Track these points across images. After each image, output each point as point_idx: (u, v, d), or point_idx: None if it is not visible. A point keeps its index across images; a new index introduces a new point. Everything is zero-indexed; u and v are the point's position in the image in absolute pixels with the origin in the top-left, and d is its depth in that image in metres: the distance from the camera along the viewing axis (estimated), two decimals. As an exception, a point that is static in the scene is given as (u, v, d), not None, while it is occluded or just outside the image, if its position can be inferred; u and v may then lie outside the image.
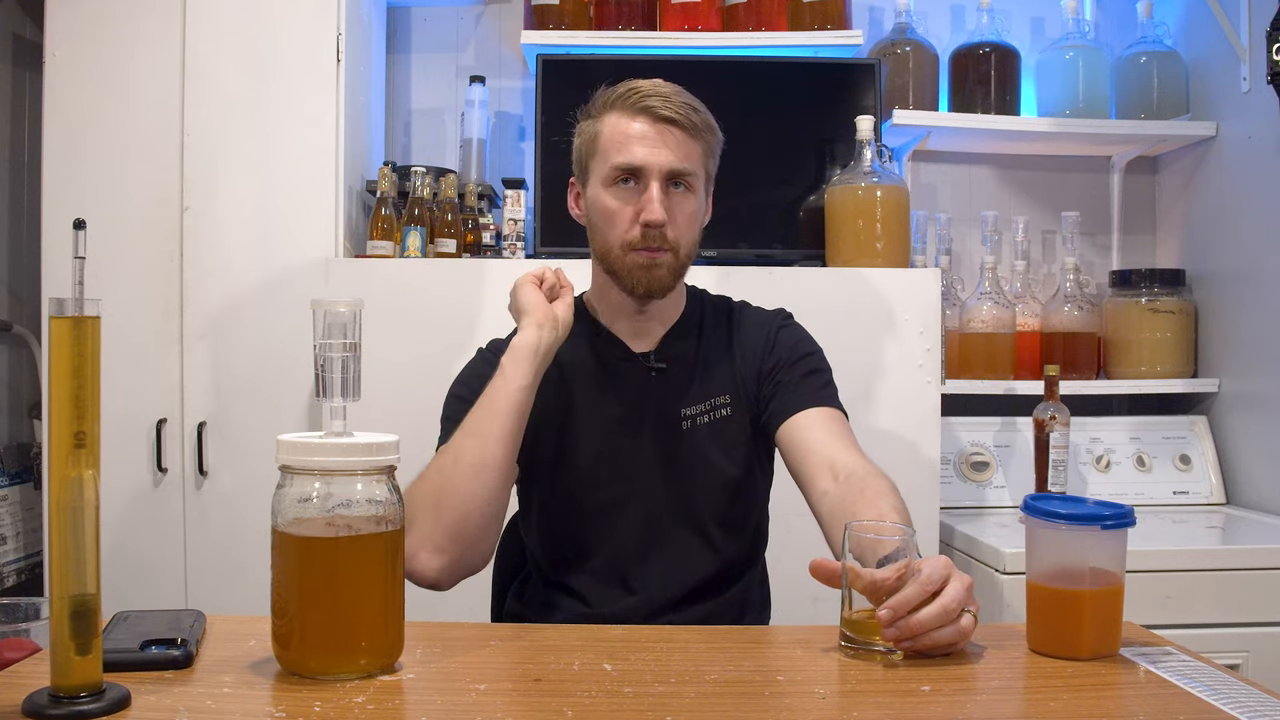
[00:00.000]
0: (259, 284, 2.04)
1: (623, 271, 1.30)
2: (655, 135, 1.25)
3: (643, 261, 1.28)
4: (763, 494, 1.41)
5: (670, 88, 1.28)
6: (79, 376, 0.75)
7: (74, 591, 0.75)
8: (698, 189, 1.30)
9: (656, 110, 1.25)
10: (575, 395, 1.35)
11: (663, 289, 1.30)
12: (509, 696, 0.82)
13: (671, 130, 1.25)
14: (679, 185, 1.28)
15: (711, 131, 1.31)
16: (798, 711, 0.80)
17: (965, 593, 0.93)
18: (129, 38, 2.04)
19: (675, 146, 1.26)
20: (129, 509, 2.00)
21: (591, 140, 1.30)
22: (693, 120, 1.26)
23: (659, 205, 1.25)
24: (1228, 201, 2.33)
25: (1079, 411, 2.27)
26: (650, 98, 1.26)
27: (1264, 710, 0.80)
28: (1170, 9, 2.49)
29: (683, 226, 1.28)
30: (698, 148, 1.28)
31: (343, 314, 0.87)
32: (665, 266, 1.29)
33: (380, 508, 0.86)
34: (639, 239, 1.26)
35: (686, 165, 1.27)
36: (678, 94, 1.27)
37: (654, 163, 1.25)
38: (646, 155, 1.25)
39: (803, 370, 1.34)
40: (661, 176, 1.26)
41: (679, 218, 1.28)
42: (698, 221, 1.32)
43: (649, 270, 1.28)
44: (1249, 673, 1.77)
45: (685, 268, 1.33)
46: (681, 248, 1.29)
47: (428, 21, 2.55)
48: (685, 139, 1.26)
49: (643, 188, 1.26)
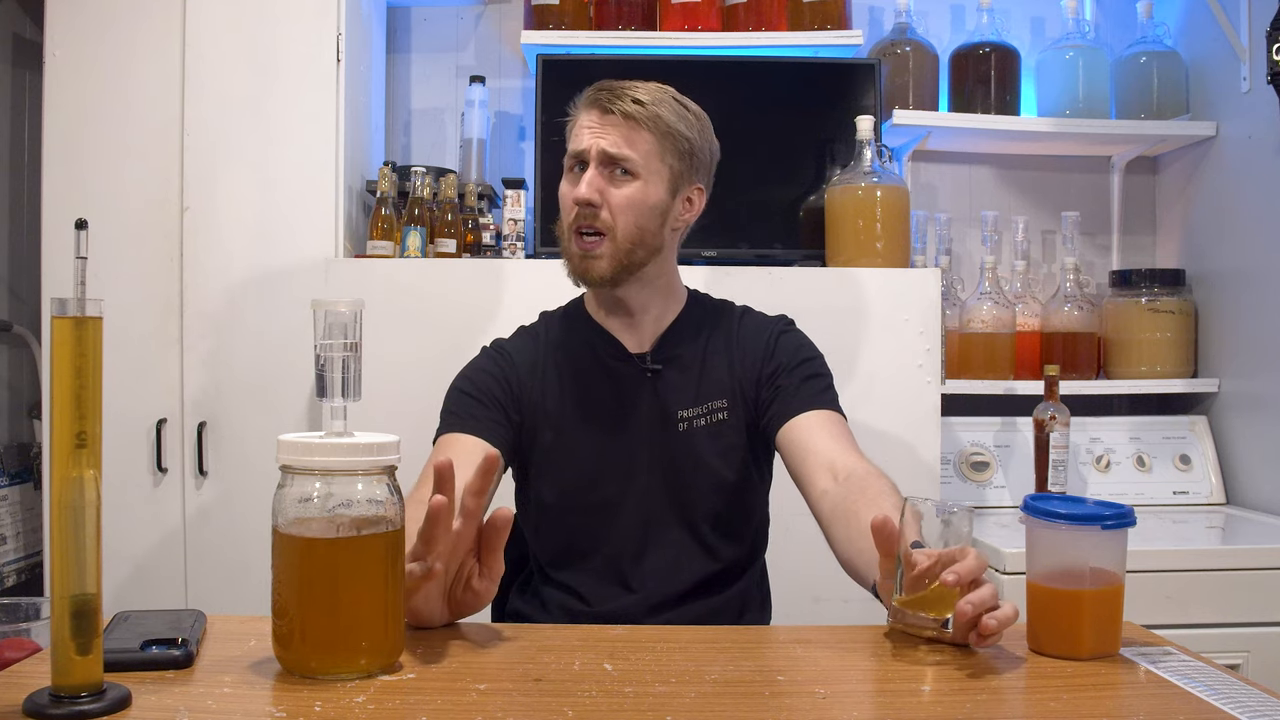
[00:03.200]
0: (259, 284, 2.04)
1: (566, 257, 1.33)
2: (599, 124, 1.29)
3: (579, 251, 1.30)
4: (761, 498, 1.42)
5: (636, 85, 1.30)
6: (80, 376, 0.75)
7: (75, 591, 0.75)
8: (643, 177, 1.29)
9: (602, 102, 1.29)
10: (574, 395, 1.36)
11: (600, 277, 1.30)
12: (509, 696, 0.82)
13: (614, 119, 1.28)
14: (617, 171, 1.29)
15: (658, 122, 1.29)
16: (798, 711, 0.80)
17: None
18: (129, 37, 2.04)
19: (614, 134, 1.28)
20: (129, 509, 2.00)
21: (567, 137, 1.35)
22: (634, 112, 1.28)
23: (586, 185, 1.28)
24: (1228, 201, 2.33)
25: (1079, 411, 2.28)
26: (601, 92, 1.30)
27: (1264, 710, 0.80)
28: (1170, 9, 2.49)
29: (619, 209, 1.29)
30: (644, 138, 1.29)
31: (343, 314, 0.87)
32: (604, 256, 1.29)
33: (381, 508, 0.86)
34: (574, 220, 1.30)
35: (624, 151, 1.28)
36: (635, 90, 1.29)
37: (590, 146, 1.29)
38: (586, 141, 1.29)
39: (803, 375, 1.35)
40: (597, 159, 1.29)
41: (615, 200, 1.29)
42: (643, 209, 1.30)
43: (584, 260, 1.30)
44: (1249, 673, 1.77)
45: (631, 255, 1.30)
46: (619, 232, 1.29)
47: (428, 21, 2.55)
48: (626, 128, 1.28)
49: (583, 171, 1.30)
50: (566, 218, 1.32)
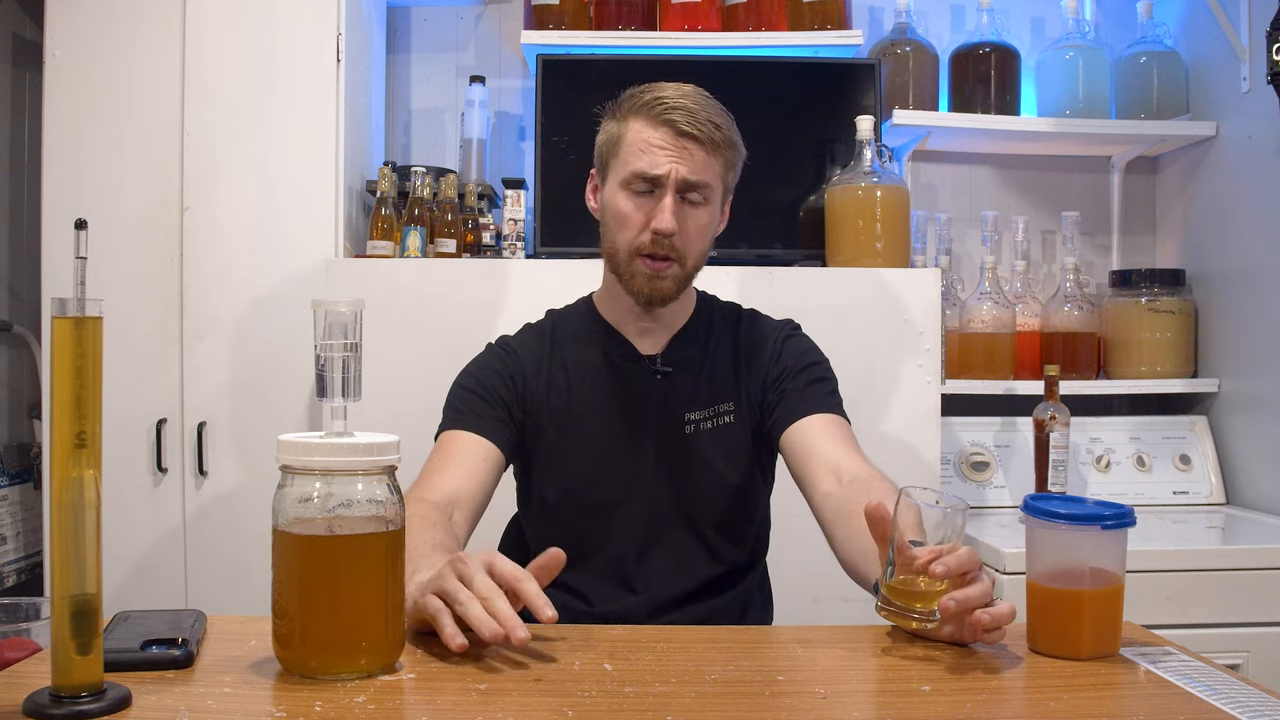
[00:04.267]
0: (259, 284, 2.04)
1: (627, 276, 1.31)
2: (675, 147, 1.26)
3: (647, 271, 1.29)
4: (764, 501, 1.42)
5: (696, 100, 1.27)
6: (81, 376, 0.75)
7: (75, 591, 0.75)
8: (713, 202, 1.30)
9: (679, 125, 1.25)
10: (580, 394, 1.36)
11: (665, 299, 1.31)
12: (509, 696, 0.82)
13: (692, 144, 1.26)
14: (693, 198, 1.28)
15: (733, 147, 1.30)
16: (798, 711, 0.80)
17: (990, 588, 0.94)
18: (129, 38, 2.04)
19: (693, 160, 1.26)
20: (129, 509, 2.00)
21: (614, 141, 1.31)
22: (714, 137, 1.26)
23: (670, 215, 1.26)
24: (1228, 201, 2.33)
25: (1079, 411, 2.28)
26: (674, 110, 1.26)
27: (1264, 710, 0.80)
28: (1170, 9, 2.49)
29: (692, 238, 1.29)
30: (716, 163, 1.28)
31: (343, 314, 0.87)
32: (671, 278, 1.30)
33: (381, 508, 0.86)
34: (647, 245, 1.28)
35: (703, 178, 1.27)
36: (703, 109, 1.27)
37: (670, 174, 1.26)
38: (664, 166, 1.26)
39: (808, 379, 1.35)
40: (676, 187, 1.26)
41: (689, 229, 1.28)
42: (708, 233, 1.32)
43: (652, 281, 1.29)
44: (1249, 673, 1.77)
45: (691, 277, 1.34)
46: (689, 258, 1.30)
47: (428, 21, 2.55)
48: (705, 154, 1.27)
49: (658, 196, 1.27)
50: (632, 238, 1.28)
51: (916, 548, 0.94)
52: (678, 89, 1.28)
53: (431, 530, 1.10)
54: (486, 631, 0.85)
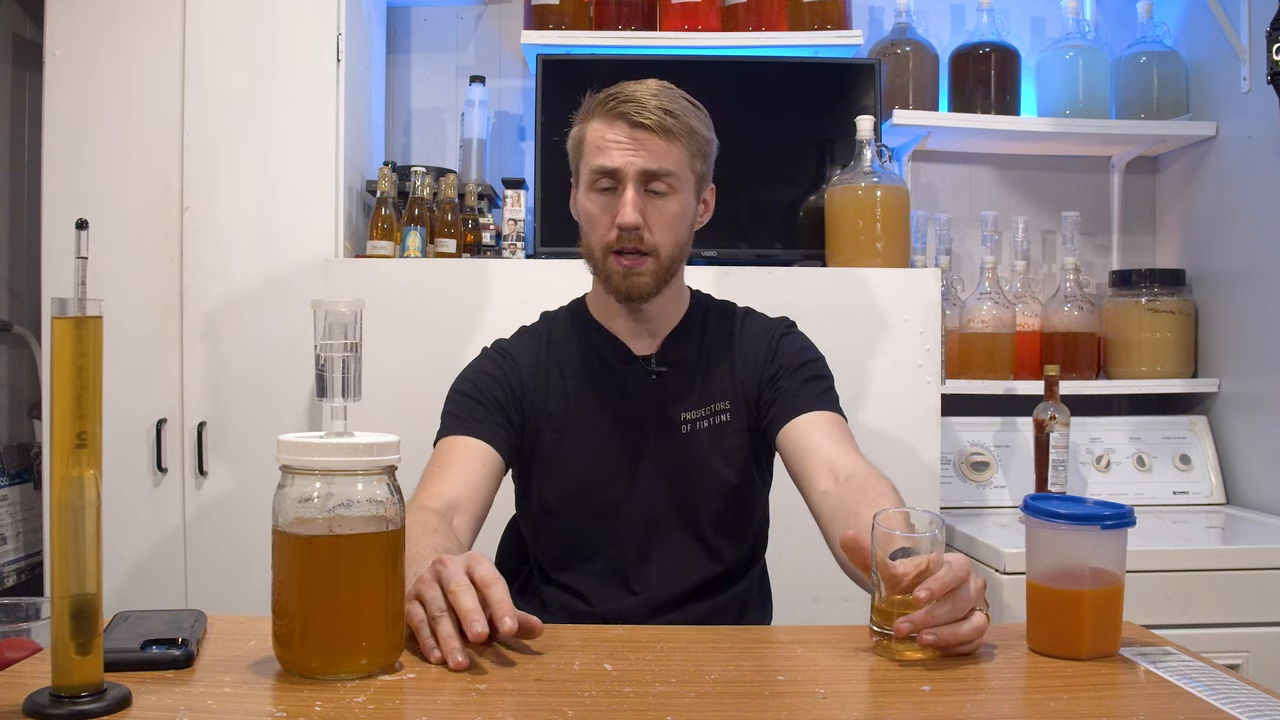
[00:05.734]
0: (259, 284, 2.04)
1: (604, 276, 1.31)
2: (630, 139, 1.26)
3: (620, 269, 1.29)
4: (762, 500, 1.42)
5: (652, 91, 1.27)
6: (81, 376, 0.75)
7: (75, 591, 0.75)
8: (680, 190, 1.29)
9: (631, 116, 1.26)
10: (577, 397, 1.35)
11: (644, 294, 1.30)
12: (509, 696, 0.82)
13: (645, 135, 1.26)
14: (657, 188, 1.28)
15: (692, 134, 1.29)
16: (798, 711, 0.80)
17: (976, 595, 0.93)
18: (129, 38, 2.04)
19: (650, 151, 1.26)
20: (129, 509, 2.00)
21: (577, 145, 1.32)
22: (667, 125, 1.26)
23: (631, 208, 1.26)
24: (1228, 201, 2.33)
25: (1079, 411, 2.28)
26: (626, 103, 1.26)
27: (1264, 710, 0.80)
28: (1170, 9, 2.49)
29: (661, 229, 1.28)
30: (677, 149, 1.28)
31: (343, 314, 0.87)
32: (647, 273, 1.29)
33: (381, 508, 0.86)
34: (615, 241, 1.28)
35: (663, 166, 1.26)
36: (656, 97, 1.27)
37: (627, 166, 1.26)
38: (619, 159, 1.26)
39: (804, 376, 1.35)
40: (636, 179, 1.26)
41: (657, 220, 1.28)
42: (681, 223, 1.31)
43: (627, 277, 1.29)
44: (1249, 673, 1.77)
45: (671, 270, 1.32)
46: (663, 250, 1.29)
47: (428, 21, 2.55)
48: (662, 143, 1.26)
49: (620, 191, 1.27)
50: (602, 236, 1.29)
51: (902, 559, 0.93)
52: (637, 84, 1.29)
53: (432, 535, 1.10)
54: (447, 654, 0.87)
